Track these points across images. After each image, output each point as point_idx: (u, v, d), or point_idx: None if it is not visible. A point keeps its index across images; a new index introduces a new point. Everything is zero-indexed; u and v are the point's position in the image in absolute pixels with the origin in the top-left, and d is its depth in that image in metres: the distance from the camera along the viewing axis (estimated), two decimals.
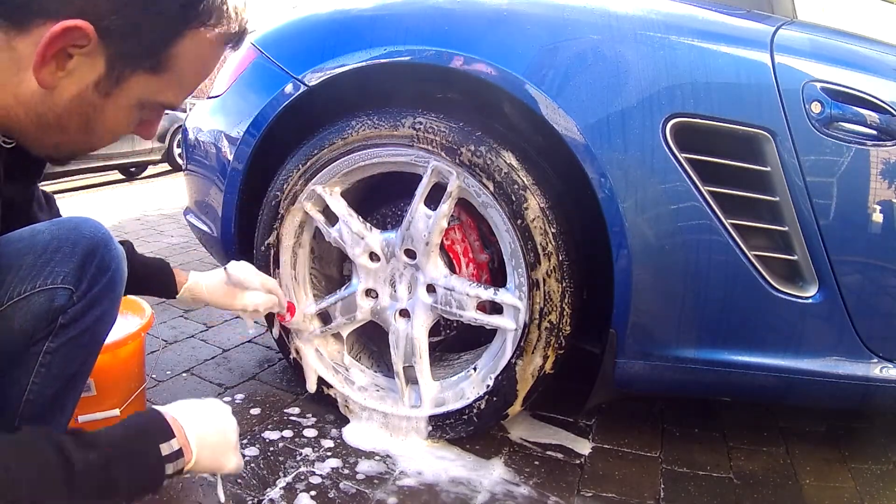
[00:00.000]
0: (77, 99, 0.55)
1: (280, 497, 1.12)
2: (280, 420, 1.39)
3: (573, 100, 1.06)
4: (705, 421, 1.47)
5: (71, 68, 0.53)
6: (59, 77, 0.54)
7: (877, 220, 1.01)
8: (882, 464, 1.32)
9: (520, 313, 1.19)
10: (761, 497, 1.19)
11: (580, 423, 1.43)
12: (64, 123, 0.57)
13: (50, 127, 0.57)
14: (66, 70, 0.53)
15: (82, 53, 0.53)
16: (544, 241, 1.13)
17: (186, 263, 2.72)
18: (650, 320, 1.12)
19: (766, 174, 1.03)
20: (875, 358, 1.08)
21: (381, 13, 1.23)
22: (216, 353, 1.76)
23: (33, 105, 0.55)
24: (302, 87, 1.24)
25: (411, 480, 1.20)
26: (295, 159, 1.29)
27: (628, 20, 1.08)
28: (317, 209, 1.31)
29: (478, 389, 1.27)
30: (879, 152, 1.00)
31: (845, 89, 1.01)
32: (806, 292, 1.06)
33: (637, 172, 1.05)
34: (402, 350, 1.30)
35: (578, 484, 1.21)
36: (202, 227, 1.58)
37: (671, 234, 1.06)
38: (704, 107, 1.02)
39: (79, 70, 0.54)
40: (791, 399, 1.20)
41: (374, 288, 1.32)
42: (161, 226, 3.50)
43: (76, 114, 0.56)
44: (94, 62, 0.54)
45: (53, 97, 0.55)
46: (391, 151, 1.21)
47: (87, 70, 0.54)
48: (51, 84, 0.53)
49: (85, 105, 0.56)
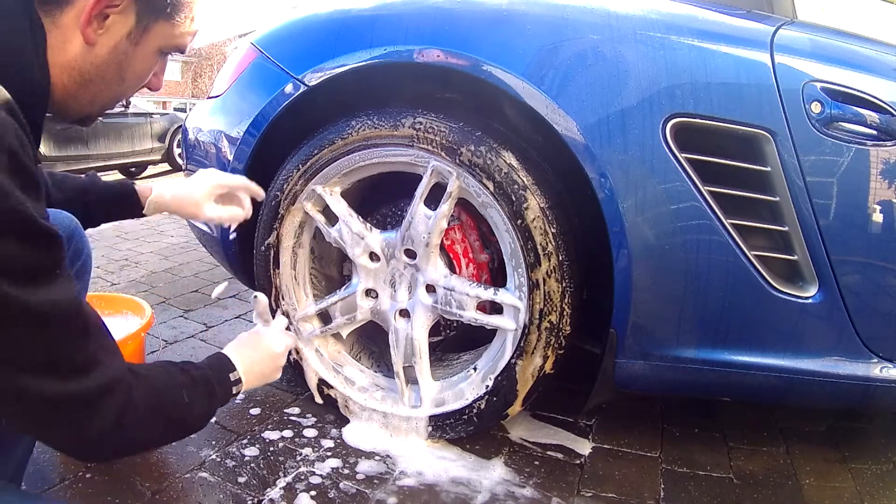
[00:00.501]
0: (113, 50, 0.68)
1: (280, 497, 1.12)
2: (280, 420, 1.39)
3: (573, 100, 1.06)
4: (705, 421, 1.47)
5: (108, 25, 0.66)
6: (99, 34, 0.65)
7: (877, 220, 1.01)
8: (882, 464, 1.32)
9: (520, 313, 1.19)
10: (761, 497, 1.19)
11: (580, 423, 1.43)
12: (102, 73, 0.68)
13: (91, 81, 0.68)
14: (105, 27, 0.66)
15: (117, 12, 0.65)
16: (544, 241, 1.13)
17: (186, 264, 2.72)
18: (650, 320, 1.12)
19: (766, 174, 1.03)
20: (875, 358, 1.08)
21: (380, 13, 1.23)
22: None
23: (77, 65, 0.66)
24: (302, 87, 1.24)
25: (411, 480, 1.20)
26: (295, 159, 1.29)
27: (628, 20, 1.08)
28: (317, 209, 1.31)
29: (478, 389, 1.27)
30: (879, 152, 1.00)
31: (845, 89, 1.01)
32: (806, 292, 1.06)
33: (637, 172, 1.05)
34: (402, 350, 1.30)
35: (578, 484, 1.21)
36: (202, 227, 1.58)
37: (671, 234, 1.06)
38: (704, 107, 1.02)
39: (114, 26, 0.66)
40: (791, 399, 1.20)
41: (374, 288, 1.32)
42: (161, 226, 3.50)
43: (113, 63, 0.69)
44: (127, 18, 0.67)
45: (94, 52, 0.66)
46: (391, 151, 1.21)
47: (120, 25, 0.67)
48: (93, 40, 0.65)
49: (119, 54, 0.68)
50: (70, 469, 1.17)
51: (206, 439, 1.29)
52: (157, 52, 0.72)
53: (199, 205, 1.07)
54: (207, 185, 1.08)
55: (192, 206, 1.07)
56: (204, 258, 2.77)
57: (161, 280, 2.47)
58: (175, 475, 1.17)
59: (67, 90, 0.68)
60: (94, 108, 0.74)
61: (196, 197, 1.07)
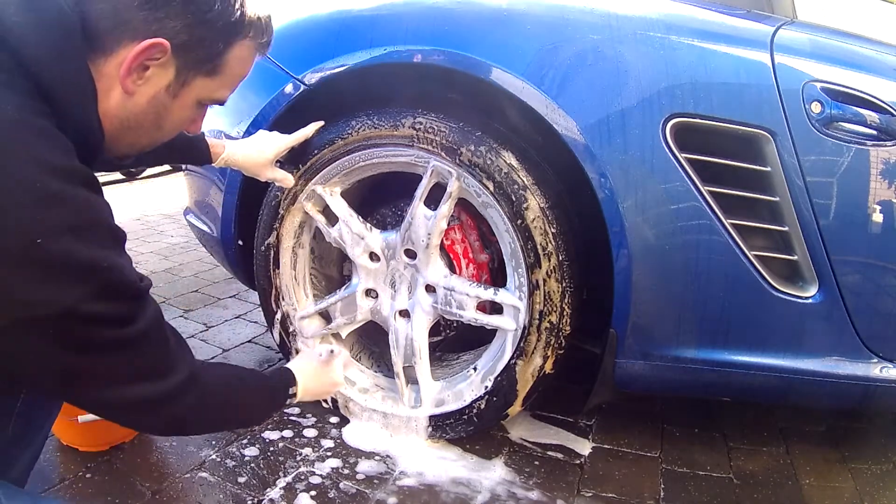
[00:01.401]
0: (152, 101, 0.69)
1: (280, 497, 1.12)
2: (280, 420, 1.39)
3: (573, 100, 1.06)
4: (705, 421, 1.47)
5: (148, 76, 0.66)
6: (139, 85, 0.67)
7: (877, 220, 1.01)
8: (882, 464, 1.32)
9: (520, 313, 1.19)
10: (761, 497, 1.19)
11: (580, 423, 1.43)
12: (141, 121, 0.70)
13: (130, 128, 0.70)
14: (144, 78, 0.66)
15: (157, 65, 0.66)
16: (544, 241, 1.13)
17: (186, 264, 2.72)
18: (650, 320, 1.12)
19: (767, 174, 1.03)
20: (875, 358, 1.08)
21: (380, 13, 1.23)
22: (216, 353, 1.76)
23: (117, 112, 0.68)
24: (302, 87, 1.24)
25: (411, 480, 1.20)
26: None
27: (628, 20, 1.08)
28: (317, 209, 1.31)
29: (478, 389, 1.27)
30: (879, 152, 1.00)
31: (845, 89, 1.01)
32: (806, 292, 1.06)
33: (637, 172, 1.05)
34: (402, 350, 1.30)
35: (578, 484, 1.21)
36: (202, 227, 1.58)
37: (671, 234, 1.06)
38: (704, 107, 1.02)
39: (154, 78, 0.67)
40: (791, 399, 1.20)
41: (374, 288, 1.32)
42: (161, 226, 3.50)
43: (151, 113, 0.70)
44: (166, 71, 0.67)
45: (133, 101, 0.68)
46: (391, 151, 1.21)
47: (160, 77, 0.67)
48: (132, 90, 0.67)
49: (158, 105, 0.69)
50: (70, 469, 1.17)
51: (206, 439, 1.29)
52: (195, 104, 0.73)
53: (265, 166, 1.20)
54: (274, 147, 1.20)
55: (259, 167, 1.20)
56: (204, 258, 2.76)
57: (161, 280, 2.47)
58: (175, 475, 1.17)
59: (109, 135, 0.69)
60: (133, 151, 0.76)
61: (264, 159, 1.19)
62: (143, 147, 0.76)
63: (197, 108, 0.74)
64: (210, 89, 0.73)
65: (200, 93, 0.72)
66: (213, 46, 0.69)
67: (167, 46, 0.64)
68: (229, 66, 0.72)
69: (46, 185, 0.54)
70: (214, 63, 0.70)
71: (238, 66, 0.74)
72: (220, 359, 1.72)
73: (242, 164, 1.18)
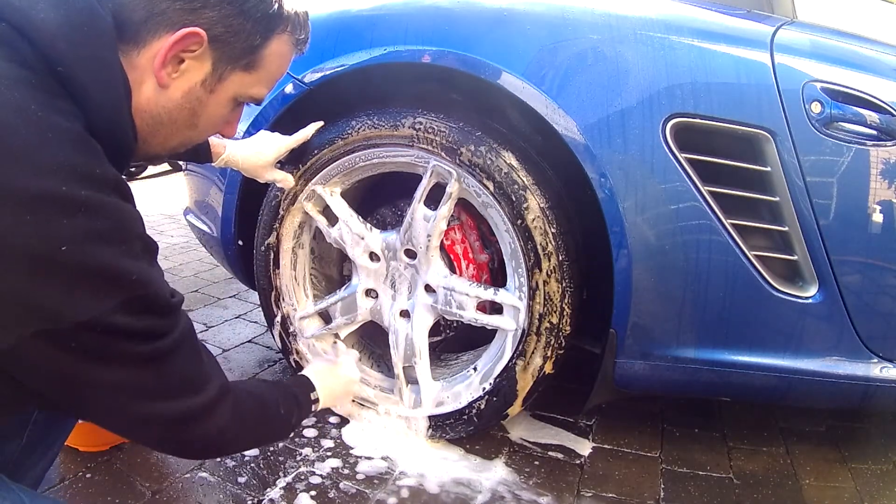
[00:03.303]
0: (187, 95, 0.66)
1: (280, 497, 1.12)
2: None
3: (573, 100, 1.06)
4: (705, 421, 1.47)
5: (183, 69, 0.64)
6: (174, 77, 0.64)
7: (877, 220, 1.01)
8: (882, 464, 1.32)
9: (520, 313, 1.19)
10: (761, 497, 1.19)
11: (580, 423, 1.43)
12: (175, 117, 0.67)
13: (162, 125, 0.67)
14: (179, 71, 0.64)
15: (192, 57, 0.64)
16: (544, 241, 1.13)
17: (186, 264, 2.72)
18: (650, 320, 1.12)
19: (766, 174, 1.03)
20: (875, 358, 1.08)
21: (381, 13, 1.23)
22: (216, 353, 1.76)
23: (149, 108, 0.65)
24: (302, 87, 1.24)
25: (411, 480, 1.20)
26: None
27: (628, 20, 1.08)
28: (317, 209, 1.31)
29: (478, 390, 1.27)
30: (879, 152, 1.00)
31: (845, 89, 1.01)
32: (806, 292, 1.06)
33: (637, 172, 1.05)
34: (403, 350, 1.30)
35: (578, 484, 1.21)
36: (202, 227, 1.58)
37: (671, 234, 1.06)
38: (704, 107, 1.02)
39: (189, 71, 0.65)
40: (791, 399, 1.20)
41: (374, 288, 1.32)
42: (161, 226, 3.50)
43: (185, 108, 0.67)
44: (202, 64, 0.65)
45: (167, 95, 0.65)
46: (391, 151, 1.21)
47: (195, 71, 0.65)
48: (166, 83, 0.64)
49: (193, 100, 0.67)
50: (70, 469, 1.17)
51: None
52: (231, 101, 0.71)
53: (265, 167, 1.20)
54: (275, 148, 1.19)
55: (259, 168, 1.19)
56: (204, 258, 2.76)
57: None
58: (175, 475, 1.17)
59: (141, 133, 0.66)
60: (164, 151, 0.73)
61: (264, 160, 1.18)
62: (175, 148, 0.73)
63: (233, 106, 0.72)
64: (247, 85, 0.70)
65: (237, 89, 0.69)
66: (250, 39, 0.66)
67: (204, 37, 0.62)
68: (267, 62, 0.70)
69: (73, 191, 0.51)
70: (252, 57, 0.68)
71: (276, 62, 0.71)
72: (219, 359, 1.72)
73: (242, 164, 1.18)
